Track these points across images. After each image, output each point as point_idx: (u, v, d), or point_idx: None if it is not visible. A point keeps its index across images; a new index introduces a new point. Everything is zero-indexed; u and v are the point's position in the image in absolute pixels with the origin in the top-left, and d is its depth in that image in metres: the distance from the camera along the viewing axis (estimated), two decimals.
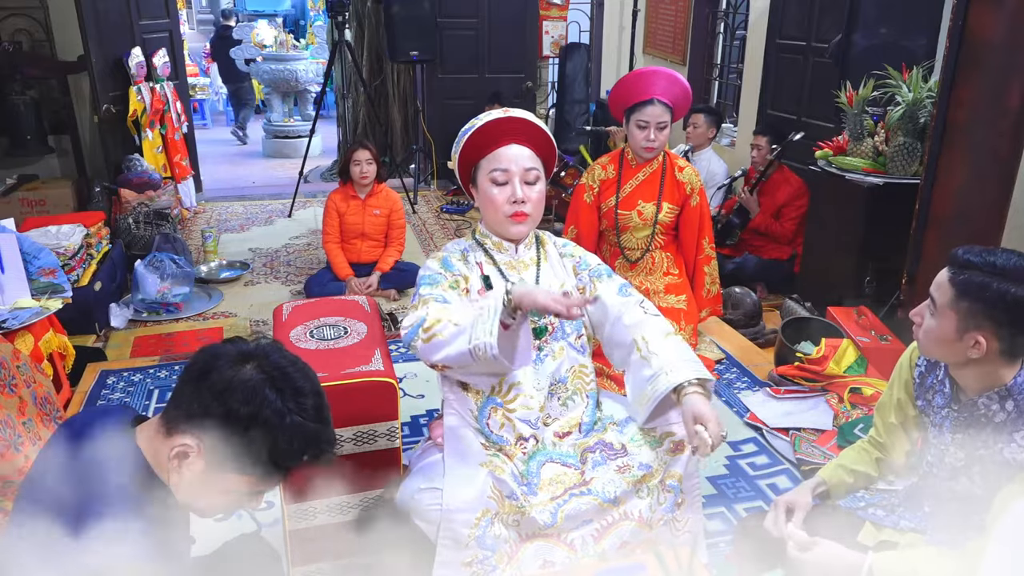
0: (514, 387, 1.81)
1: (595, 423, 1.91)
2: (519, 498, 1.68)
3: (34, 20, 4.87)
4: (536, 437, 1.83)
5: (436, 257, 1.87)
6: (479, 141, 1.79)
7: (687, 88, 2.83)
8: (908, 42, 3.86)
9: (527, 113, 1.82)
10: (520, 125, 1.79)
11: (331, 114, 8.24)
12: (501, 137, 1.78)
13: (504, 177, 1.77)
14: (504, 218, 1.79)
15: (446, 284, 1.78)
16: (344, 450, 1.83)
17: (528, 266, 1.87)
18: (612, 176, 2.94)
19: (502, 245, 1.86)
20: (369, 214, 4.15)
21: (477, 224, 1.92)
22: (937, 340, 1.47)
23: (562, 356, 1.85)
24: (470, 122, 1.82)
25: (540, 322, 1.83)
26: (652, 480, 1.74)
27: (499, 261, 1.86)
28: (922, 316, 1.49)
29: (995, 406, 1.47)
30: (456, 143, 1.83)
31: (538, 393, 1.82)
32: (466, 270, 1.84)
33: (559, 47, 6.78)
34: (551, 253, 1.94)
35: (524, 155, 1.78)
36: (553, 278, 1.90)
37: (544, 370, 1.83)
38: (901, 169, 3.34)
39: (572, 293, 1.85)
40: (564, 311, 1.52)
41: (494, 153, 1.78)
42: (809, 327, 3.32)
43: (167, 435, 1.19)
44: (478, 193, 1.84)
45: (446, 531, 1.66)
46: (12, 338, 2.58)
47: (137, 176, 4.89)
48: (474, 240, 1.91)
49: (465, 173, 1.87)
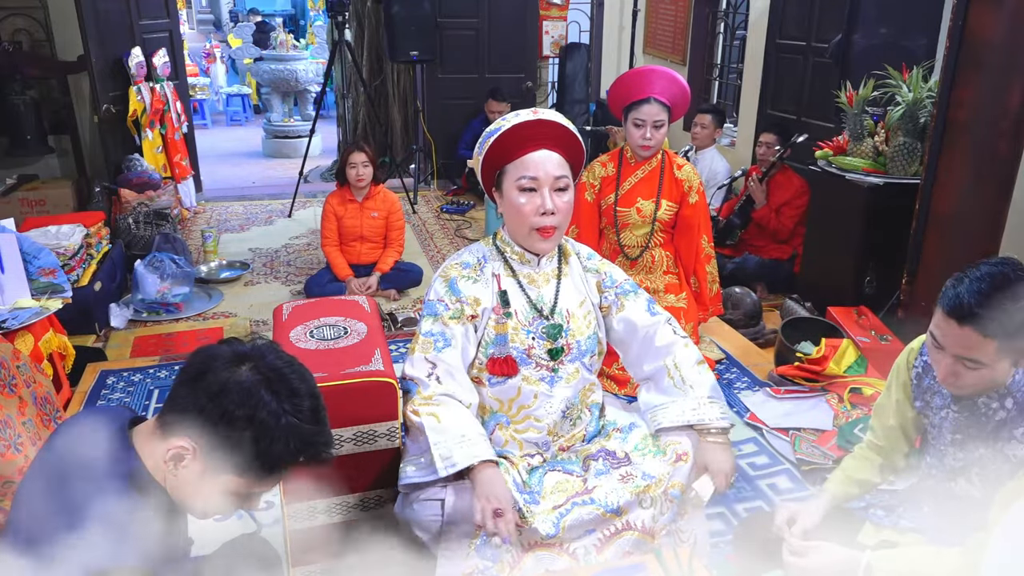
0: (523, 409, 1.79)
1: (599, 431, 1.90)
2: (521, 508, 1.66)
3: (34, 20, 4.87)
4: (542, 455, 1.83)
5: (445, 276, 1.80)
6: (506, 143, 1.69)
7: (685, 87, 2.83)
8: (908, 42, 3.86)
9: (557, 115, 1.72)
10: (550, 128, 1.69)
11: (331, 114, 8.24)
12: (529, 141, 1.69)
13: (532, 185, 1.68)
14: (530, 231, 1.71)
15: (447, 316, 1.74)
16: (344, 450, 1.82)
17: (549, 280, 1.82)
18: (612, 173, 2.94)
19: (524, 256, 1.80)
20: (367, 217, 4.14)
21: (500, 229, 1.85)
22: (991, 384, 1.43)
23: (576, 378, 1.82)
24: (496, 123, 1.72)
25: (557, 343, 1.78)
26: (655, 490, 1.71)
27: (519, 273, 1.80)
28: (957, 376, 1.41)
29: (995, 404, 1.46)
30: (480, 144, 1.74)
31: (548, 416, 1.80)
32: (476, 290, 1.77)
33: (559, 47, 6.78)
34: (573, 267, 1.87)
35: (553, 161, 1.69)
36: (574, 293, 1.84)
37: (558, 394, 1.80)
38: (901, 169, 3.33)
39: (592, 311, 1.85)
40: (488, 527, 1.55)
41: (522, 159, 1.69)
42: (809, 327, 3.32)
43: (163, 437, 1.19)
44: (502, 199, 1.75)
45: (446, 542, 1.64)
46: (12, 338, 2.58)
47: (137, 176, 4.88)
48: (494, 246, 1.84)
49: (488, 176, 1.77)
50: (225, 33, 11.89)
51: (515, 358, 1.75)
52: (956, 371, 1.41)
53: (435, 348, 1.73)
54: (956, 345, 1.37)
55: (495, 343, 1.75)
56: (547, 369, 1.78)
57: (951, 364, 1.40)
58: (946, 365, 1.41)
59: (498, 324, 1.75)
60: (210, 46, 10.95)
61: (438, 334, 1.73)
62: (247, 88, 10.49)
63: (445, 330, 1.74)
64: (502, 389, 1.78)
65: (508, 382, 1.77)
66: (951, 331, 1.37)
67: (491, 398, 1.80)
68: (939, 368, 1.43)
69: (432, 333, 1.74)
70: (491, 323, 1.76)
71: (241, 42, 10.91)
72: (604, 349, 1.90)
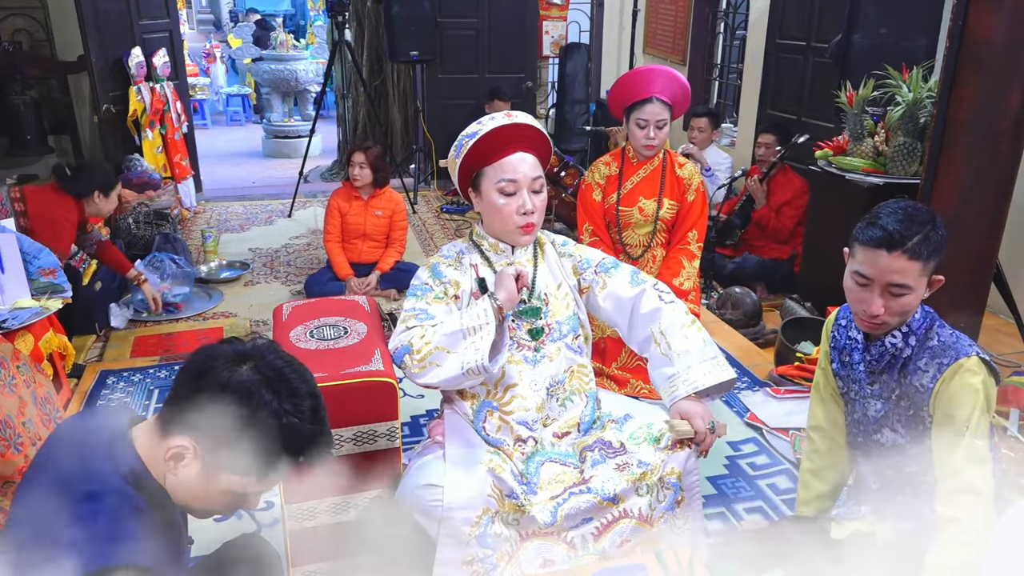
0: (509, 389, 1.82)
1: (594, 422, 1.91)
2: (519, 497, 1.69)
3: (34, 20, 4.87)
4: (535, 439, 1.83)
5: (427, 266, 1.88)
6: (484, 147, 1.77)
7: (686, 86, 2.83)
8: (908, 42, 3.86)
9: (529, 117, 1.80)
10: (524, 131, 1.77)
11: (331, 114, 8.24)
12: (506, 144, 1.77)
13: (513, 188, 1.77)
14: (514, 228, 1.80)
15: (431, 296, 1.80)
16: (344, 450, 1.83)
17: (525, 267, 1.87)
18: (614, 173, 2.95)
19: (498, 247, 1.87)
20: (371, 215, 4.14)
21: (474, 225, 1.92)
22: (913, 305, 1.56)
23: (559, 357, 1.85)
24: (471, 127, 1.79)
25: (536, 324, 1.83)
26: (651, 477, 1.74)
27: (495, 263, 1.87)
28: (887, 307, 1.55)
29: (900, 343, 1.61)
30: (457, 147, 1.81)
31: (535, 394, 1.82)
32: (457, 275, 1.85)
33: (559, 47, 6.78)
34: (549, 253, 1.93)
35: (529, 163, 1.78)
36: (551, 278, 1.90)
37: (541, 371, 1.83)
38: (901, 169, 3.33)
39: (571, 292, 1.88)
40: (524, 283, 1.70)
41: (500, 163, 1.77)
42: (809, 327, 3.32)
43: (163, 436, 1.19)
44: (481, 200, 1.83)
45: (447, 529, 1.66)
46: (12, 338, 2.58)
47: (137, 176, 4.88)
48: (471, 241, 1.91)
49: (465, 178, 1.85)
50: (225, 33, 11.88)
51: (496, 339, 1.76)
52: (885, 302, 1.55)
53: (416, 319, 1.77)
54: (886, 273, 1.52)
55: None
56: (530, 349, 1.83)
57: (879, 296, 1.55)
58: (875, 299, 1.55)
59: None
60: (210, 46, 10.94)
61: (420, 310, 1.79)
62: (247, 88, 10.49)
63: (428, 307, 1.79)
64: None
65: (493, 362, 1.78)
66: (880, 262, 1.52)
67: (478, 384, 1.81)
68: (868, 306, 1.56)
69: (413, 309, 1.80)
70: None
71: (241, 42, 10.91)
72: (589, 333, 1.93)
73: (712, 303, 3.91)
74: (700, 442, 1.75)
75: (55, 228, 3.23)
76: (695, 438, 1.74)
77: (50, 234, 3.16)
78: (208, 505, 1.24)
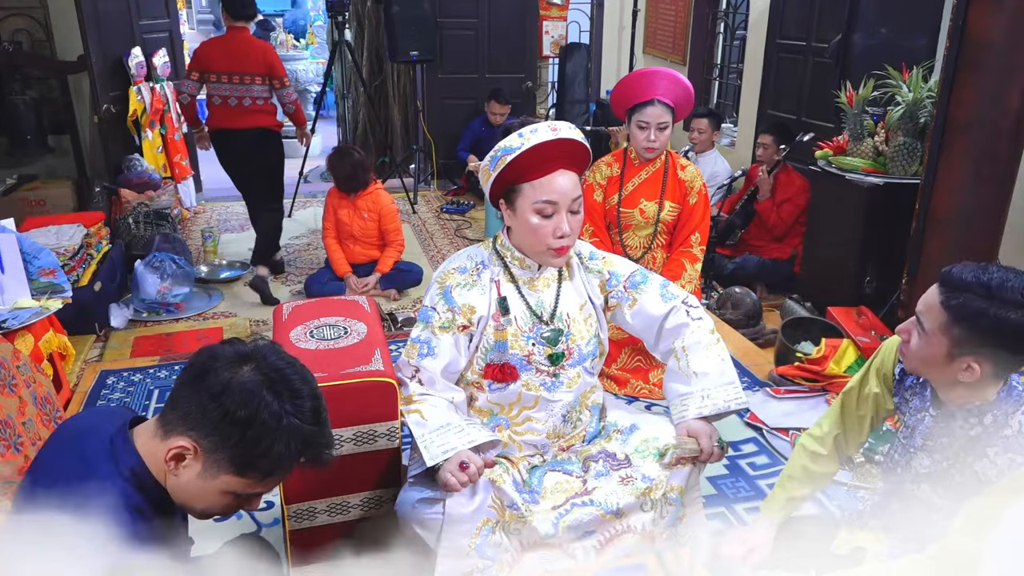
0: (524, 411, 1.80)
1: (599, 432, 1.90)
2: (520, 507, 1.67)
3: (34, 20, 4.86)
4: (542, 455, 1.83)
5: (441, 282, 1.79)
6: (523, 163, 1.63)
7: (689, 88, 2.83)
8: (908, 42, 3.86)
9: (574, 130, 1.67)
10: (568, 146, 1.65)
11: (331, 114, 8.23)
12: (547, 161, 1.64)
13: (551, 210, 1.65)
14: (546, 250, 1.70)
15: (437, 325, 1.75)
16: (344, 450, 1.82)
17: (549, 284, 1.81)
18: (616, 174, 2.94)
19: (524, 261, 1.78)
20: (357, 216, 4.13)
21: (500, 234, 1.82)
22: (924, 360, 1.41)
23: (578, 382, 1.82)
24: (511, 139, 1.63)
25: (557, 349, 1.77)
26: (655, 493, 1.72)
27: (519, 277, 1.79)
28: (909, 333, 1.43)
29: (973, 419, 1.42)
30: (492, 160, 1.67)
31: (549, 418, 1.81)
32: (472, 297, 1.76)
33: (559, 47, 6.77)
34: (575, 269, 1.86)
35: (570, 183, 1.66)
36: (574, 296, 1.83)
37: (559, 400, 1.80)
38: (901, 169, 3.33)
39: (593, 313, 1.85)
40: (451, 482, 1.60)
41: (540, 181, 1.64)
42: (809, 327, 3.32)
43: (164, 437, 1.19)
44: (514, 216, 1.71)
45: (447, 540, 1.64)
46: (12, 338, 2.58)
47: (137, 176, 4.88)
48: (494, 250, 1.82)
49: (498, 190, 1.72)
50: None
51: (514, 364, 1.75)
52: (908, 329, 1.42)
53: (419, 354, 1.76)
54: (923, 302, 1.39)
55: (495, 349, 1.75)
56: (548, 375, 1.78)
57: (911, 323, 1.42)
58: (909, 322, 1.43)
59: (497, 331, 1.75)
60: None
61: (424, 341, 1.76)
62: None
63: (432, 339, 1.76)
64: (502, 395, 1.79)
65: (509, 387, 1.77)
66: (928, 291, 1.39)
67: (491, 403, 1.80)
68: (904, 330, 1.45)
69: (419, 340, 1.77)
70: (490, 329, 1.76)
71: None
72: (606, 350, 1.90)
73: (712, 303, 3.91)
74: (707, 460, 1.73)
75: None
76: (701, 456, 1.72)
77: None
78: (208, 505, 1.24)
